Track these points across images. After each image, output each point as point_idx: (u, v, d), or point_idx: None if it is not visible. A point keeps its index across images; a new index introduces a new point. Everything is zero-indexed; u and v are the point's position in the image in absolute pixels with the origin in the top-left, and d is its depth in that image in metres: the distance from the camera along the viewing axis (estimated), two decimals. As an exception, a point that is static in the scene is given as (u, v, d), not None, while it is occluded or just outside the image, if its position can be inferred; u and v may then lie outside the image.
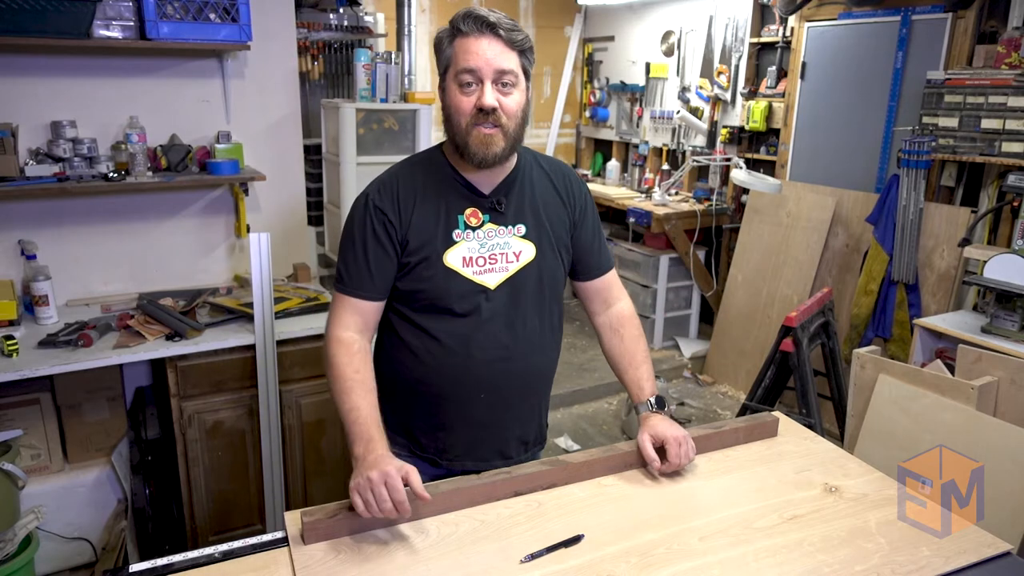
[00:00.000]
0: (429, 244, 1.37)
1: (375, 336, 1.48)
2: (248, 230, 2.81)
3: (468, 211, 1.40)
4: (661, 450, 1.42)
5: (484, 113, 1.29)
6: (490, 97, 1.29)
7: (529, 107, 1.37)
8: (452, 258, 1.38)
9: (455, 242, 1.38)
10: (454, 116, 1.33)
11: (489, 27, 1.29)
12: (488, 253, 1.40)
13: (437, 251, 1.38)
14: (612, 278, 1.59)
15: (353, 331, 1.39)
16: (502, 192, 1.42)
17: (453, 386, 1.43)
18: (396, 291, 1.42)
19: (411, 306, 1.42)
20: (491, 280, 1.40)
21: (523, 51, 1.33)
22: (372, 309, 1.41)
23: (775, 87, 4.18)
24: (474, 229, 1.40)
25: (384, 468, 1.17)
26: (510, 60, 1.30)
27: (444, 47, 1.34)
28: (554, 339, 1.54)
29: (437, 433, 1.48)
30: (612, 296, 1.59)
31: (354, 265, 1.39)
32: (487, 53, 1.28)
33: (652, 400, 1.49)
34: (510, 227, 1.42)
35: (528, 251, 1.43)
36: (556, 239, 1.47)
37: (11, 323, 2.31)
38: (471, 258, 1.39)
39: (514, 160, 1.43)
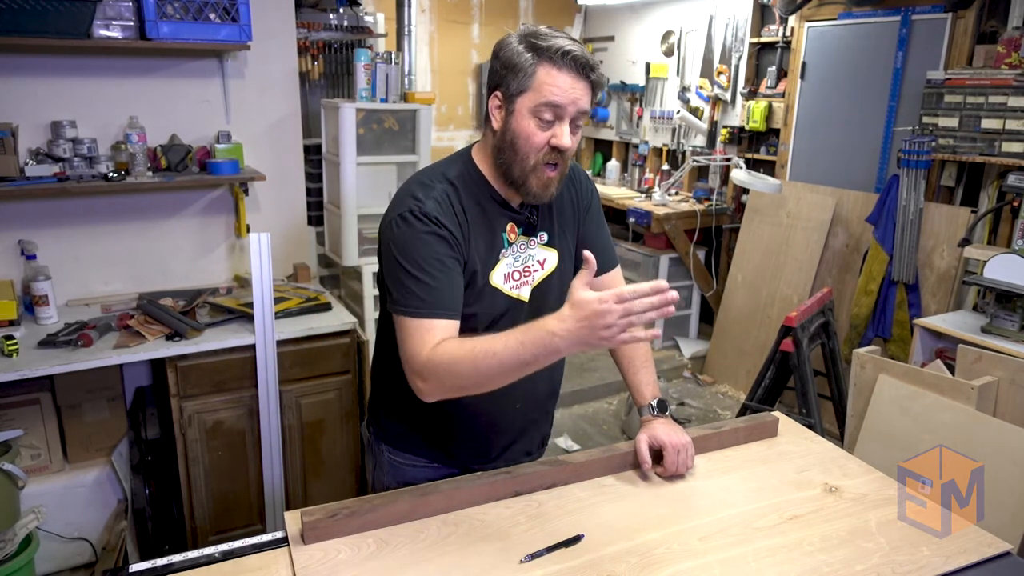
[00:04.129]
0: (481, 266, 1.33)
1: None
2: (248, 230, 2.81)
3: (508, 227, 1.37)
4: (659, 454, 1.42)
5: (556, 152, 1.25)
6: (568, 138, 1.25)
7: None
8: (496, 277, 1.35)
9: (498, 260, 1.35)
10: (522, 147, 1.26)
11: (584, 71, 1.23)
12: (522, 266, 1.38)
13: (486, 272, 1.34)
14: (613, 278, 1.55)
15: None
16: (531, 204, 1.39)
17: (490, 400, 1.37)
18: None
19: None
20: (525, 292, 1.39)
21: (596, 92, 1.29)
22: (457, 328, 1.26)
23: (775, 87, 4.18)
24: (511, 244, 1.37)
25: (588, 312, 1.05)
26: (589, 102, 1.27)
27: (524, 68, 1.23)
28: None
29: (473, 444, 1.47)
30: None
31: (438, 284, 1.24)
32: (574, 93, 1.23)
33: (653, 403, 1.47)
34: (536, 236, 1.41)
35: (551, 259, 1.42)
36: (571, 242, 1.46)
37: (11, 323, 2.31)
38: (509, 273, 1.37)
39: None
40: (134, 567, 1.14)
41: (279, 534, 1.22)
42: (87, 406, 2.55)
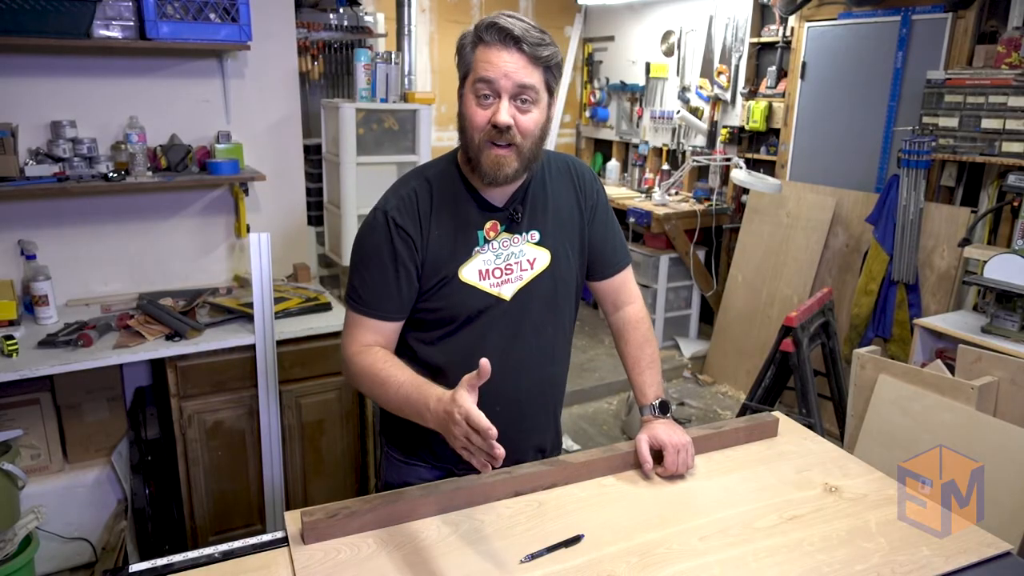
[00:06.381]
0: (448, 263, 1.33)
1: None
2: (248, 230, 2.81)
3: (488, 225, 1.35)
4: (660, 454, 1.42)
5: (498, 130, 1.22)
6: (505, 115, 1.21)
7: (549, 124, 1.31)
8: (468, 272, 1.33)
9: (471, 256, 1.34)
10: (468, 128, 1.26)
11: (513, 40, 1.20)
12: (504, 264, 1.36)
13: (454, 269, 1.33)
14: (623, 279, 1.55)
15: (384, 348, 1.35)
16: (517, 201, 1.37)
17: None
18: (413, 309, 1.37)
19: (424, 322, 1.38)
20: (507, 291, 1.36)
21: (548, 67, 1.25)
22: (392, 329, 1.35)
23: (775, 87, 4.19)
24: (490, 242, 1.35)
25: (448, 409, 1.09)
26: (532, 76, 1.22)
27: (465, 52, 1.26)
28: (567, 347, 1.52)
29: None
30: (621, 299, 1.55)
31: (374, 284, 1.32)
32: (507, 67, 1.20)
33: (656, 404, 1.47)
34: (524, 234, 1.38)
35: (543, 258, 1.39)
36: (571, 243, 1.43)
37: (11, 323, 2.31)
38: (488, 270, 1.35)
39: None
40: (134, 567, 1.14)
41: (279, 534, 1.22)
42: (87, 406, 2.55)
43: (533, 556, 1.17)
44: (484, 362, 1.05)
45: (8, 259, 2.53)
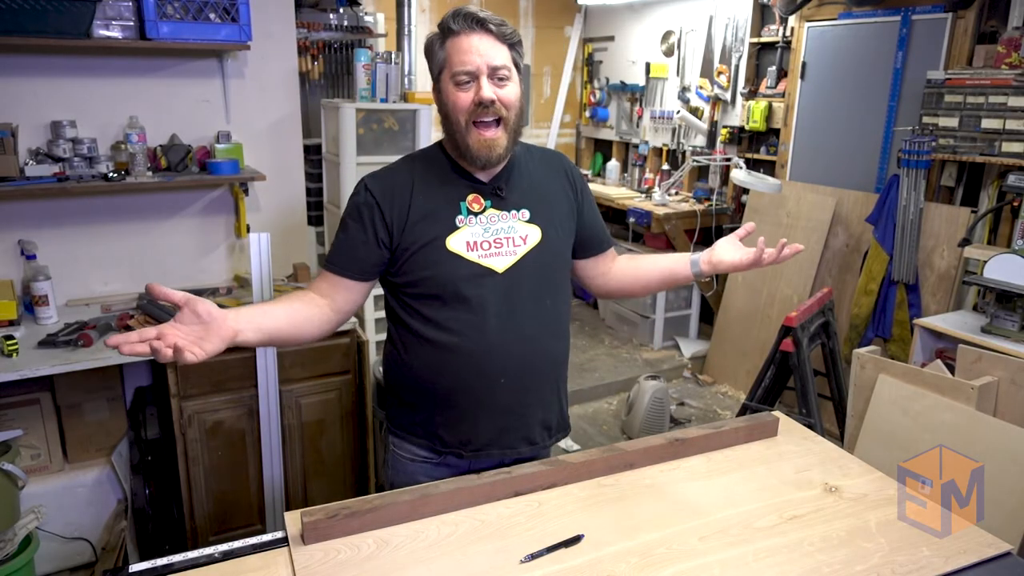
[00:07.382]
0: (431, 231, 1.38)
1: (345, 320, 1.48)
2: (248, 230, 2.81)
3: (470, 197, 1.41)
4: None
5: (483, 107, 1.31)
6: (488, 90, 1.31)
7: (526, 100, 1.40)
8: (455, 243, 1.39)
9: (457, 227, 1.39)
10: (452, 114, 1.35)
11: (479, 23, 1.32)
12: (493, 237, 1.41)
13: (440, 237, 1.38)
14: (612, 251, 1.67)
15: (318, 294, 1.42)
16: (501, 179, 1.44)
17: (472, 374, 1.42)
18: (402, 281, 1.42)
19: (420, 296, 1.41)
20: (499, 264, 1.41)
21: (512, 45, 1.36)
22: (343, 286, 1.43)
23: (775, 87, 4.18)
24: (476, 214, 1.41)
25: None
26: (502, 54, 1.34)
27: (436, 50, 1.37)
28: (566, 322, 1.56)
29: (460, 425, 1.46)
30: (612, 256, 1.67)
31: (338, 242, 1.44)
32: (480, 48, 1.31)
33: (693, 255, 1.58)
34: (513, 212, 1.44)
35: (534, 234, 1.45)
36: (560, 223, 1.49)
37: (11, 323, 2.31)
38: (475, 242, 1.40)
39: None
40: (134, 567, 1.14)
41: (279, 534, 1.22)
42: (87, 406, 2.55)
43: (533, 556, 1.17)
44: (157, 289, 1.21)
45: (8, 259, 2.53)
